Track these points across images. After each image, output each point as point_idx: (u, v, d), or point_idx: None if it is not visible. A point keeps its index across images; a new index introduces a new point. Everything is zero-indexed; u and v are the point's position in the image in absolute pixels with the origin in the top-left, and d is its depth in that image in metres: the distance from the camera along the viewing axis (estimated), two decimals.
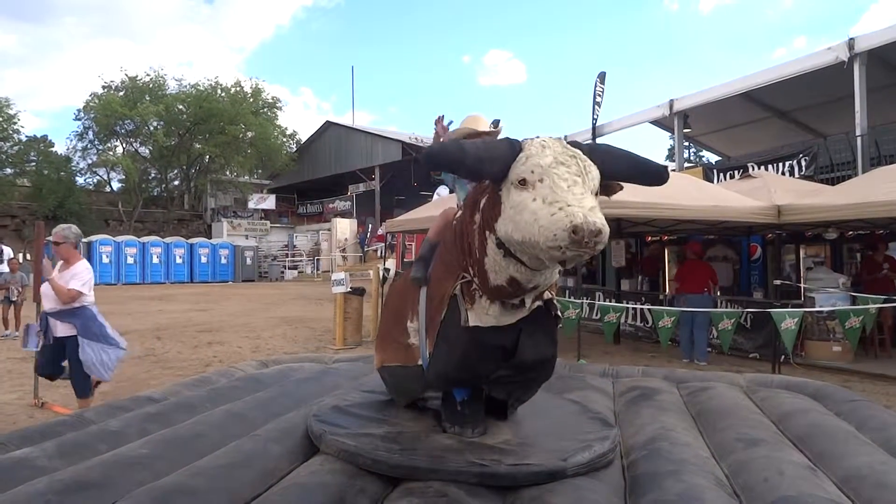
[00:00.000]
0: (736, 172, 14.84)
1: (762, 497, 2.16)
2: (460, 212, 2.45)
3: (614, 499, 2.24)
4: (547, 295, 2.29)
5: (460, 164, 1.97)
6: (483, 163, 1.96)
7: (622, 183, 2.20)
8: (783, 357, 7.68)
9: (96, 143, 35.68)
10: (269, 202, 38.65)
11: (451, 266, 2.35)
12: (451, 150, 1.99)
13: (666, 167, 2.15)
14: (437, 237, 2.65)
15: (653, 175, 2.17)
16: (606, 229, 1.82)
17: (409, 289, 2.68)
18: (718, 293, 8.72)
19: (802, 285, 9.24)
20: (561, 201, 1.84)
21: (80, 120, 35.14)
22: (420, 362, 2.57)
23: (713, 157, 24.46)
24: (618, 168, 2.12)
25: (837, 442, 2.73)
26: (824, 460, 2.56)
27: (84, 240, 27.35)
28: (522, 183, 1.94)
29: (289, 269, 33.13)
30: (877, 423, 3.06)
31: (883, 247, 9.65)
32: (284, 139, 38.84)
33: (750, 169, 14.03)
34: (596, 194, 2.02)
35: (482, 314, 2.26)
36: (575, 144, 2.06)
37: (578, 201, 1.85)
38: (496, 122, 2.89)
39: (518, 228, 1.93)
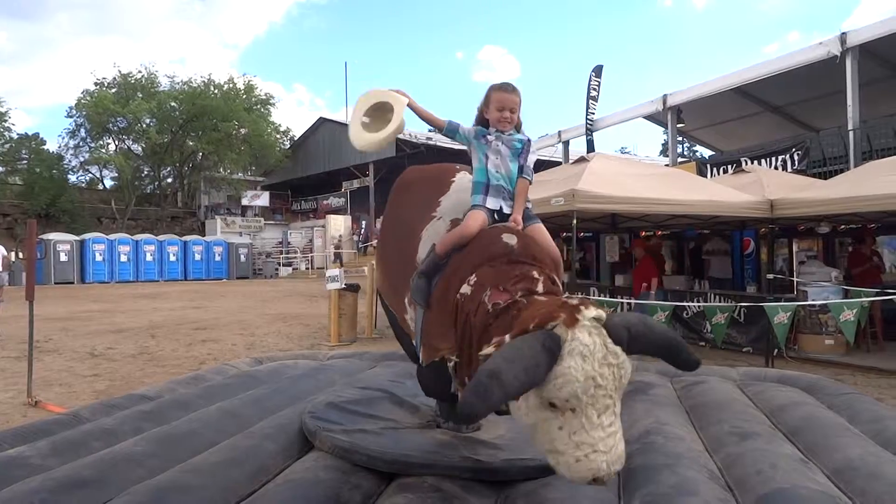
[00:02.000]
0: (729, 167, 14.88)
1: (755, 489, 2.17)
2: (468, 286, 2.20)
3: (608, 493, 2.25)
4: None
5: (504, 400, 1.77)
6: (525, 387, 1.74)
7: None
8: (776, 351, 7.71)
9: (88, 140, 35.49)
10: (263, 199, 38.55)
11: (448, 335, 2.22)
12: (495, 394, 1.69)
13: (699, 361, 1.95)
14: (445, 254, 2.41)
15: (683, 364, 1.96)
16: (623, 463, 1.78)
17: (410, 269, 2.52)
18: (653, 291, 8.72)
19: (795, 279, 9.28)
20: (588, 445, 1.72)
21: (72, 117, 34.96)
22: (414, 342, 2.59)
23: (706, 152, 24.52)
24: (649, 350, 1.91)
25: (830, 434, 2.76)
26: (817, 452, 2.58)
27: (77, 238, 27.36)
28: (552, 405, 1.77)
29: (283, 265, 33.07)
30: (868, 416, 3.08)
31: (870, 240, 9.71)
32: (278, 136, 38.71)
33: (743, 164, 14.04)
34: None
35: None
36: (613, 328, 1.81)
37: (606, 443, 1.73)
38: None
39: (535, 439, 1.86)
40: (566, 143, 22.70)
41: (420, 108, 2.74)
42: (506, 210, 2.51)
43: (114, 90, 34.37)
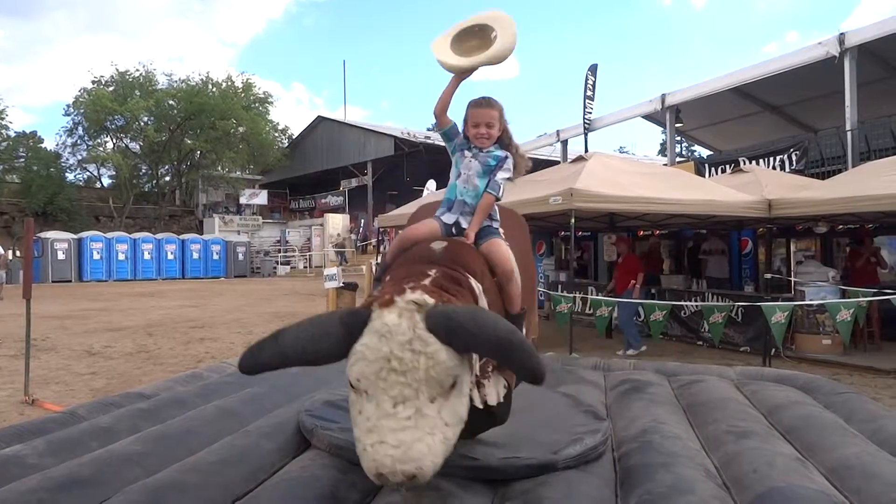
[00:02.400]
0: (727, 167, 14.91)
1: (751, 488, 2.18)
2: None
3: (605, 491, 2.25)
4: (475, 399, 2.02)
5: (279, 360, 1.70)
6: (308, 356, 1.69)
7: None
8: (774, 350, 7.73)
9: (86, 138, 35.41)
10: (262, 198, 38.51)
11: None
12: (266, 350, 1.69)
13: (543, 374, 1.69)
14: (391, 258, 2.38)
15: (520, 372, 1.77)
16: (425, 471, 1.59)
17: None
18: (639, 286, 8.73)
19: (793, 279, 9.30)
20: (375, 434, 1.60)
21: (69, 115, 34.86)
22: None
23: (705, 152, 24.55)
24: (474, 347, 1.72)
25: (826, 433, 2.76)
26: (813, 452, 2.59)
27: (74, 236, 27.30)
28: (352, 386, 1.70)
29: (281, 264, 33.06)
30: (865, 415, 3.09)
31: (868, 241, 9.74)
32: (276, 134, 38.66)
33: (741, 163, 14.08)
34: (453, 385, 1.71)
35: None
36: (432, 316, 1.68)
37: (397, 437, 1.58)
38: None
39: None
40: (564, 143, 22.74)
41: (454, 90, 2.56)
42: (463, 224, 2.47)
43: (111, 88, 34.30)
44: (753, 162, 14.62)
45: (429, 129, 36.38)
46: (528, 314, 2.65)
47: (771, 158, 15.16)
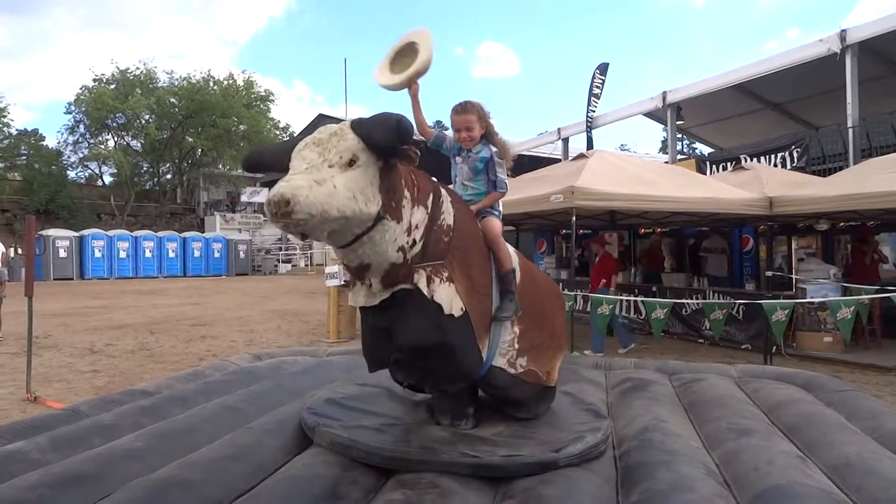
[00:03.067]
0: (728, 164, 14.87)
1: (752, 486, 2.18)
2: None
3: (606, 489, 2.26)
4: (418, 280, 2.29)
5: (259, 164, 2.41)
6: (277, 157, 2.24)
7: (413, 149, 2.19)
8: (775, 348, 7.72)
9: (87, 136, 35.42)
10: (263, 195, 38.45)
11: None
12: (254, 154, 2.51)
13: (399, 122, 2.11)
14: None
15: (387, 131, 2.12)
16: (297, 199, 1.91)
17: None
18: (612, 287, 8.72)
19: (794, 276, 9.29)
20: (281, 182, 1.97)
21: (70, 113, 34.87)
22: None
23: (706, 149, 24.51)
24: (376, 134, 2.12)
25: (827, 431, 2.76)
26: (814, 449, 2.59)
27: (76, 234, 27.31)
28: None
29: (282, 262, 33.07)
30: (866, 413, 3.09)
31: (872, 238, 9.73)
32: (277, 132, 38.62)
33: (742, 161, 14.05)
34: (351, 163, 2.10)
35: (354, 295, 2.44)
36: (357, 123, 2.17)
37: (291, 177, 1.99)
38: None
39: None
40: (566, 141, 22.69)
41: (417, 105, 2.82)
42: None
43: (112, 86, 34.30)
44: (755, 159, 14.58)
45: (430, 128, 36.30)
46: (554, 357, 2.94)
47: (772, 156, 15.12)
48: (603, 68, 20.76)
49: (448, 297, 2.31)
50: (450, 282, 2.34)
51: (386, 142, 2.10)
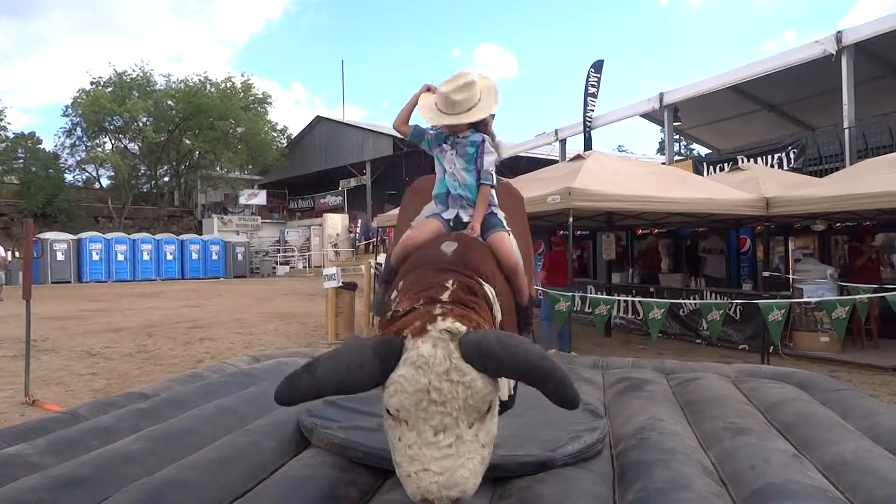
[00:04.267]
0: (725, 165, 14.91)
1: (748, 484, 2.20)
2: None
3: (603, 487, 2.27)
4: None
5: (315, 392, 1.74)
6: (343, 387, 1.73)
7: None
8: (772, 348, 7.74)
9: (85, 139, 35.33)
10: (260, 198, 38.49)
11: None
12: (303, 382, 1.70)
13: (577, 399, 1.75)
14: (396, 263, 2.42)
15: (553, 397, 1.75)
16: (468, 493, 1.67)
17: None
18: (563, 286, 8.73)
19: (791, 276, 9.31)
20: (419, 462, 1.65)
21: (67, 116, 34.78)
22: None
23: (703, 150, 24.56)
24: (505, 373, 1.78)
25: (823, 430, 2.78)
26: (810, 448, 2.61)
27: (74, 237, 27.26)
28: (390, 413, 1.74)
29: (280, 264, 33.05)
30: (861, 412, 3.11)
31: (870, 239, 9.75)
32: (275, 134, 38.62)
33: (739, 161, 14.09)
34: (488, 409, 1.78)
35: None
36: (465, 344, 1.71)
37: (440, 464, 1.63)
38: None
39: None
40: (563, 142, 22.72)
41: (413, 104, 2.63)
42: (465, 218, 2.47)
43: (110, 89, 34.28)
44: (751, 160, 14.63)
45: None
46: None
47: (769, 156, 15.17)
48: (598, 66, 20.76)
49: (506, 389, 2.20)
50: None
51: (533, 386, 1.76)
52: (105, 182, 38.76)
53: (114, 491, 2.12)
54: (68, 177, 36.03)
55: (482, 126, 2.54)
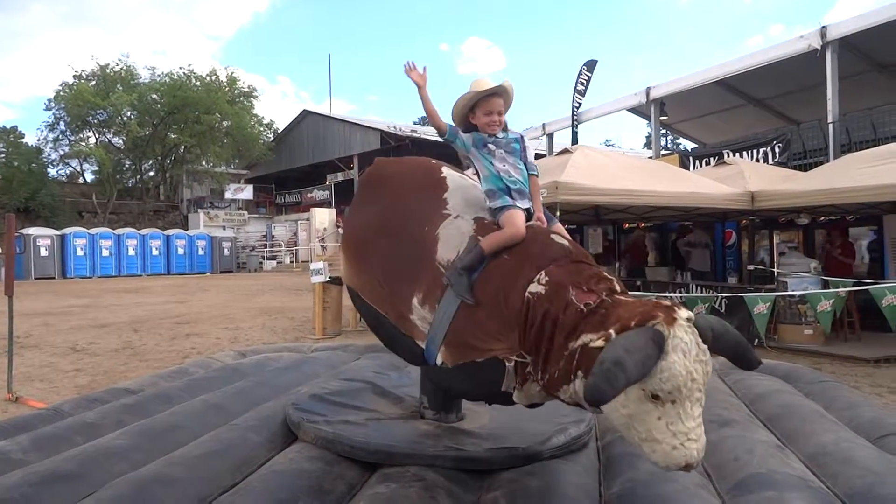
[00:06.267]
0: (711, 159, 15.00)
1: (732, 475, 2.22)
2: (539, 286, 2.23)
3: (589, 479, 2.29)
4: None
5: (626, 387, 1.87)
6: (641, 376, 1.87)
7: None
8: (757, 341, 7.82)
9: (68, 133, 34.96)
10: (247, 192, 38.27)
11: (509, 333, 2.22)
12: (620, 380, 1.82)
13: (760, 361, 2.15)
14: (491, 252, 2.40)
15: (747, 364, 2.12)
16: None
17: (427, 264, 2.49)
18: None
19: (776, 270, 9.40)
20: (683, 434, 1.86)
21: (50, 110, 34.42)
22: (420, 344, 2.45)
23: (689, 145, 24.71)
24: (724, 350, 2.07)
25: (806, 421, 2.81)
26: (793, 439, 2.64)
27: (57, 232, 26.99)
28: (654, 397, 1.89)
29: (267, 259, 32.90)
30: (843, 403, 3.15)
31: (837, 234, 9.94)
32: (261, 128, 38.39)
33: (725, 156, 14.19)
34: None
35: (526, 396, 2.22)
36: (701, 328, 1.97)
37: (697, 432, 1.87)
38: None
39: (630, 430, 1.96)
40: (550, 136, 22.76)
41: (428, 99, 2.70)
42: (531, 207, 2.61)
43: (93, 83, 33.88)
44: (737, 154, 14.74)
45: (415, 123, 36.31)
46: None
47: (754, 151, 15.28)
48: (591, 65, 20.82)
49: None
50: None
51: (733, 359, 2.11)
52: (89, 177, 38.39)
53: (98, 486, 2.10)
54: (51, 171, 35.69)
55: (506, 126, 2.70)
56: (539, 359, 2.14)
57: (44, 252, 26.01)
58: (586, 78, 20.66)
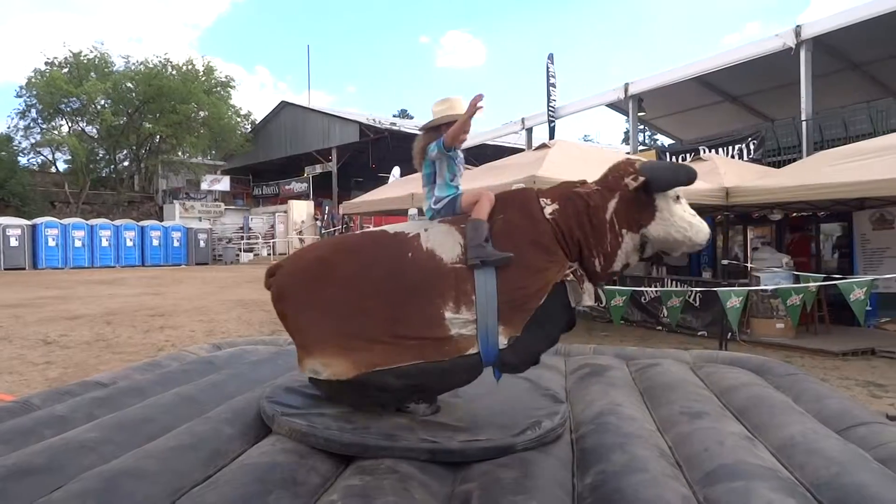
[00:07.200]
0: (687, 155, 15.17)
1: (702, 466, 2.26)
2: (553, 205, 2.71)
3: (563, 471, 2.31)
4: None
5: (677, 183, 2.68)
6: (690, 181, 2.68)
7: None
8: (730, 334, 7.94)
9: (40, 121, 34.25)
10: (224, 184, 37.84)
11: (554, 255, 2.55)
12: (678, 175, 2.71)
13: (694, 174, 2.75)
14: (485, 216, 2.60)
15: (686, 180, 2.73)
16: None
17: (438, 276, 2.48)
18: None
19: (749, 265, 9.55)
20: (694, 215, 2.68)
21: (21, 97, 33.68)
22: (472, 351, 2.43)
23: (667, 141, 24.93)
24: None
25: (775, 413, 2.87)
26: (762, 430, 2.69)
27: (28, 222, 26.50)
28: (678, 199, 2.66)
29: (244, 251, 32.62)
30: (811, 395, 3.21)
31: (797, 235, 10.22)
32: (238, 119, 37.95)
33: (701, 152, 14.35)
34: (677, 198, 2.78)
35: (587, 297, 2.62)
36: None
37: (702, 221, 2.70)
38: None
39: (678, 229, 2.63)
40: (529, 131, 22.83)
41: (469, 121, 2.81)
42: None
43: (66, 70, 33.20)
44: (713, 150, 14.92)
45: (395, 116, 36.16)
46: None
47: (730, 147, 15.48)
48: (551, 58, 21.13)
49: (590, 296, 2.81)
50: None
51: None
52: (62, 166, 37.65)
53: (68, 480, 2.07)
54: (22, 160, 34.98)
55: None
56: (589, 245, 2.58)
57: (14, 242, 25.52)
58: (553, 71, 20.89)
